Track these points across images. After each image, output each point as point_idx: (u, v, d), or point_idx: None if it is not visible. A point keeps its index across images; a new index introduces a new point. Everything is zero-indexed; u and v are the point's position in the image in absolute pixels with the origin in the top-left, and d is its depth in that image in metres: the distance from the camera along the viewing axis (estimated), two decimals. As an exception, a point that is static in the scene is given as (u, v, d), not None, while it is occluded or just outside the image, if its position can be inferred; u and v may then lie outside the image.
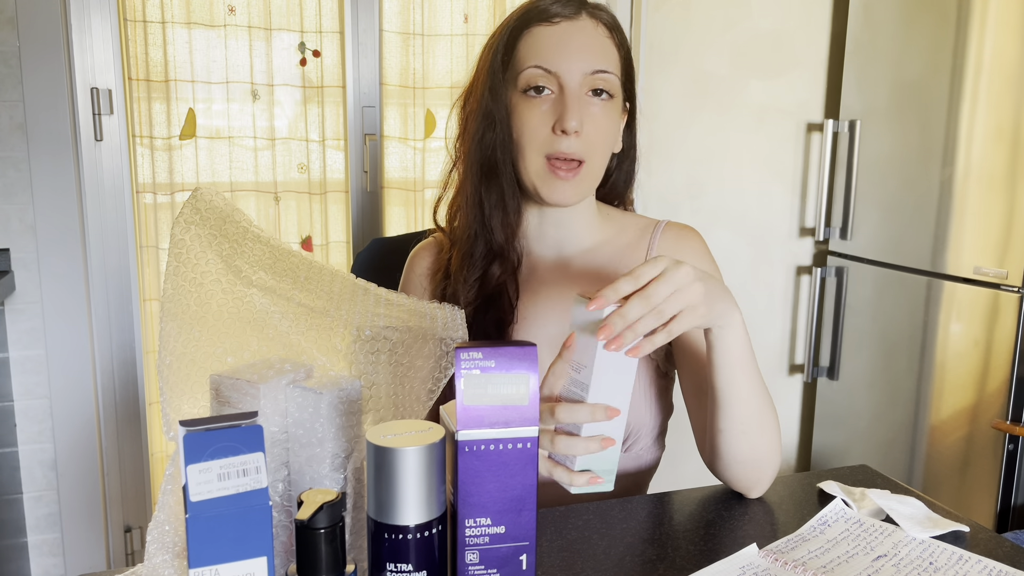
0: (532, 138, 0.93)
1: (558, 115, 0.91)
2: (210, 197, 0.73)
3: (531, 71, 0.92)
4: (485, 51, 0.98)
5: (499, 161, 0.95)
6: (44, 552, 1.91)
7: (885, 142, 2.13)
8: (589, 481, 0.73)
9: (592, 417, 0.72)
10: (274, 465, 0.65)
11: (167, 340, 0.66)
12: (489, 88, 0.95)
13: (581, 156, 0.92)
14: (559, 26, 0.93)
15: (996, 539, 0.81)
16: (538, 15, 0.94)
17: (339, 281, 0.73)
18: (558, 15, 0.93)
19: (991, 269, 1.84)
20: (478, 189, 0.98)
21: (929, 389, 2.01)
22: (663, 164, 2.27)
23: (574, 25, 0.93)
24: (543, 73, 0.92)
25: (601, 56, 0.93)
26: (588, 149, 0.93)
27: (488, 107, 0.95)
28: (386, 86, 2.07)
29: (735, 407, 0.85)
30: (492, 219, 0.98)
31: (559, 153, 0.92)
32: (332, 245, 2.10)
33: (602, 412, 0.72)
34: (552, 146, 0.92)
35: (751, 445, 0.87)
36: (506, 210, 0.98)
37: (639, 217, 1.09)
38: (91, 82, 1.84)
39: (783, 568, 0.74)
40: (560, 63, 0.91)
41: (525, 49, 0.93)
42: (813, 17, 2.34)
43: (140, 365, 1.98)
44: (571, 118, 0.90)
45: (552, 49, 0.92)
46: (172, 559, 0.66)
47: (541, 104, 0.92)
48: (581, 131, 0.91)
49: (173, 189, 1.94)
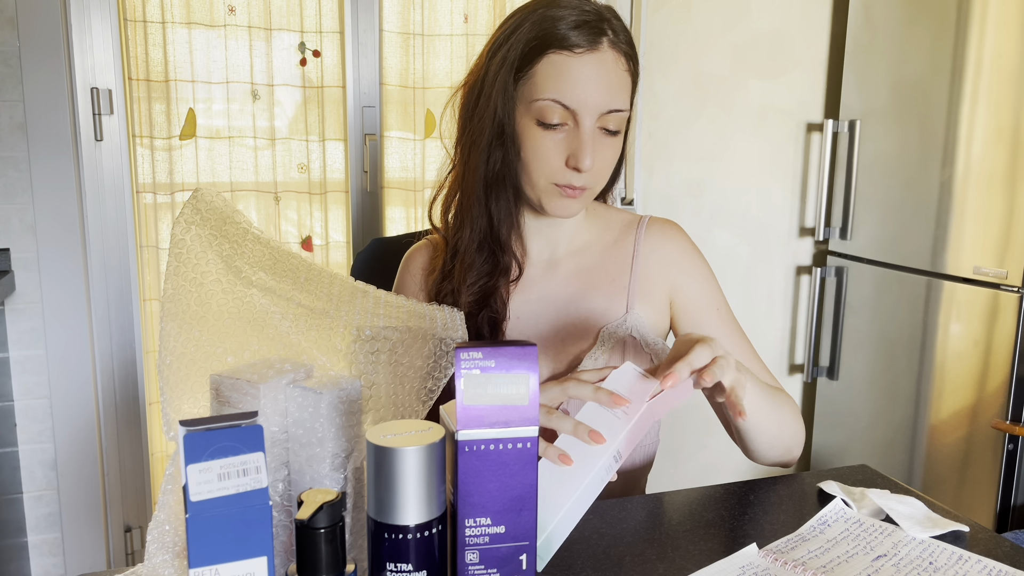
0: (543, 167, 0.92)
1: (572, 151, 0.90)
2: (210, 198, 0.73)
3: (548, 104, 0.89)
4: (495, 59, 0.94)
5: (506, 176, 0.95)
6: (44, 552, 1.91)
7: (885, 142, 2.13)
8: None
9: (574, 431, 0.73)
10: (274, 465, 0.65)
11: (167, 340, 0.66)
12: (502, 104, 0.92)
13: (588, 185, 0.94)
14: (581, 58, 0.89)
15: (996, 539, 0.81)
16: (559, 41, 0.89)
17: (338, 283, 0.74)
18: (580, 46, 0.89)
19: (991, 269, 1.84)
20: (483, 202, 0.97)
21: (929, 389, 2.01)
22: (663, 164, 2.27)
23: (596, 58, 0.89)
24: (560, 108, 0.89)
25: (619, 93, 0.91)
26: (594, 180, 0.94)
27: (500, 122, 0.93)
28: (386, 86, 2.07)
29: (756, 438, 0.93)
30: (500, 231, 0.98)
31: (569, 184, 0.92)
32: (332, 245, 2.10)
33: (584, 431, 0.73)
34: (563, 178, 0.92)
35: (779, 449, 0.96)
36: (512, 222, 0.99)
37: (622, 212, 1.10)
38: (91, 82, 1.84)
39: (783, 568, 0.74)
40: (578, 100, 0.89)
41: (542, 76, 0.90)
42: (813, 17, 2.34)
43: (140, 365, 1.98)
44: (586, 157, 0.89)
45: (572, 85, 0.89)
46: (172, 559, 0.67)
47: (555, 135, 0.91)
48: (591, 167, 0.91)
49: (173, 189, 1.94)
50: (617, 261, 1.04)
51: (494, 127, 0.93)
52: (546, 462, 0.71)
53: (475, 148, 0.95)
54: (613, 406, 0.73)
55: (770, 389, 0.93)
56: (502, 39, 0.94)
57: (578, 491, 0.70)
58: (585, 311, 1.02)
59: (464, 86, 1.00)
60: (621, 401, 0.73)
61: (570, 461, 0.71)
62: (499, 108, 0.92)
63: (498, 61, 0.93)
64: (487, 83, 0.94)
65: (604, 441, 0.71)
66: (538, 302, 1.03)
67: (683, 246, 1.05)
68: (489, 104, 0.93)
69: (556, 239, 1.04)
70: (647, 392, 0.74)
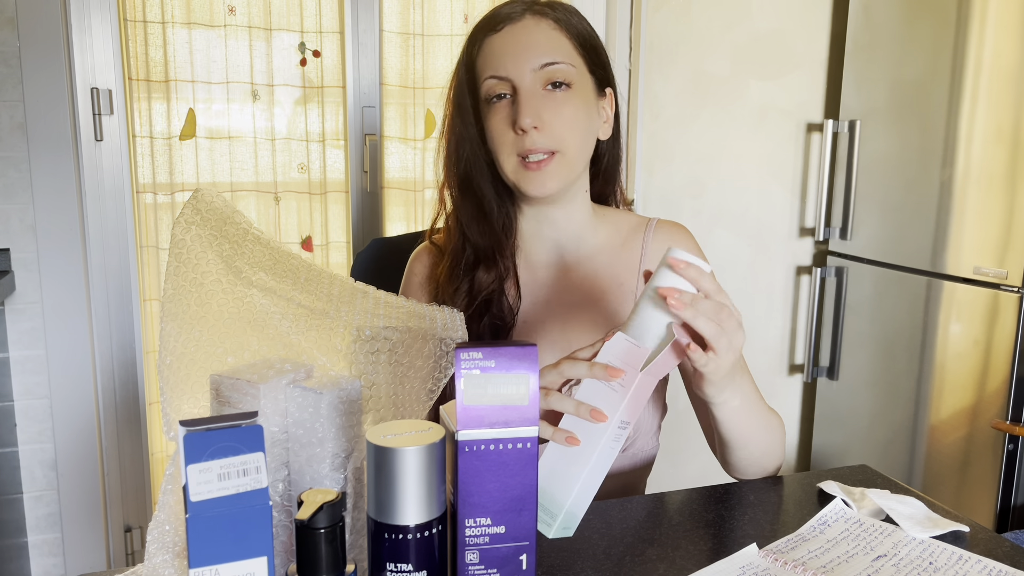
0: (502, 141, 0.96)
1: (515, 115, 0.95)
2: (210, 198, 0.73)
3: (488, 82, 0.96)
4: (452, 75, 1.02)
5: (473, 174, 1.00)
6: (44, 552, 1.91)
7: (885, 142, 2.13)
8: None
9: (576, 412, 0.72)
10: (274, 465, 0.65)
11: (167, 340, 0.66)
12: (455, 107, 1.00)
13: (550, 148, 0.95)
14: (503, 32, 0.97)
15: (996, 539, 0.81)
16: (485, 26, 0.98)
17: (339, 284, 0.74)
18: (502, 22, 0.97)
19: (991, 269, 1.84)
20: (457, 204, 1.03)
21: (929, 389, 2.01)
22: (663, 164, 2.27)
23: (517, 27, 0.96)
24: (497, 81, 0.96)
25: (548, 49, 0.95)
26: (556, 140, 0.95)
27: (457, 128, 1.00)
28: (386, 86, 2.07)
29: (738, 450, 0.91)
30: (470, 229, 1.01)
31: (526, 150, 0.95)
32: (332, 245, 2.10)
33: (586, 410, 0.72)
34: (520, 145, 0.95)
35: (758, 465, 0.94)
36: (485, 218, 1.01)
37: (631, 215, 1.10)
38: (91, 82, 1.84)
39: (783, 568, 0.74)
40: (508, 67, 0.95)
41: (481, 62, 0.98)
42: (813, 18, 2.34)
43: (140, 365, 1.98)
44: (524, 115, 0.93)
45: (500, 55, 0.96)
46: (172, 559, 0.67)
47: (502, 109, 0.96)
48: (542, 125, 0.94)
49: (173, 189, 1.94)
50: (625, 265, 1.04)
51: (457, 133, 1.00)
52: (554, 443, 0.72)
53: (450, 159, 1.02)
54: (609, 379, 0.73)
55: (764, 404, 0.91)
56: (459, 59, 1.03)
57: (589, 465, 0.71)
58: (592, 315, 1.02)
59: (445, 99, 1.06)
60: (616, 373, 0.73)
61: (577, 441, 0.71)
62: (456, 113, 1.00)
63: (456, 68, 1.01)
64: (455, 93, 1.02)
65: (606, 418, 0.71)
66: (545, 306, 1.03)
67: (688, 247, 1.05)
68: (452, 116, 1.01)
69: (560, 240, 1.04)
70: (641, 358, 0.74)
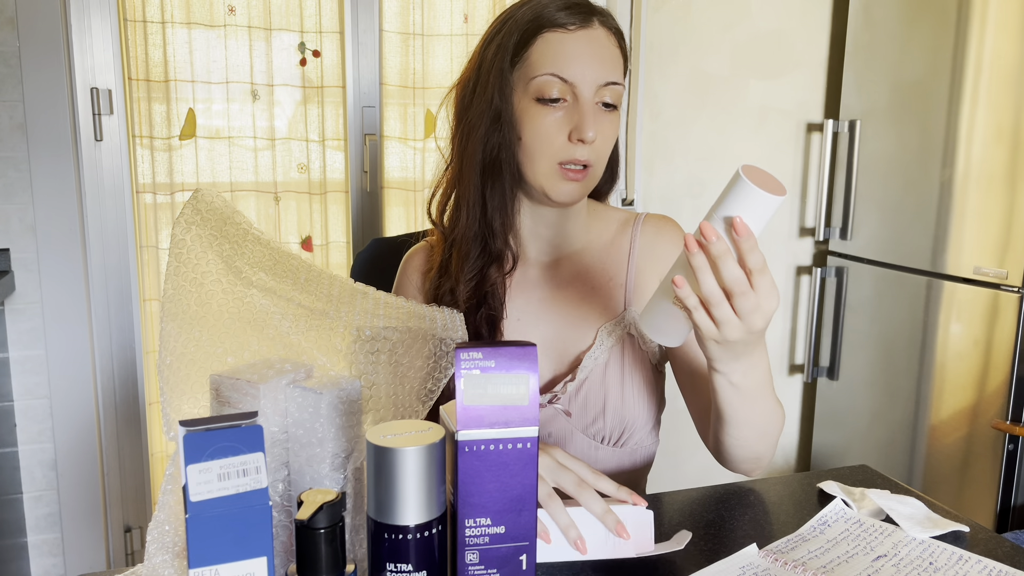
0: (546, 145, 0.92)
1: (574, 124, 0.91)
2: (210, 198, 0.73)
3: (546, 79, 0.91)
4: (489, 48, 0.96)
5: (503, 161, 0.95)
6: (44, 552, 1.91)
7: (885, 142, 2.13)
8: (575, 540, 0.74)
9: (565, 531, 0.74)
10: (274, 465, 0.65)
11: (167, 340, 0.66)
12: (499, 89, 0.93)
13: (590, 162, 0.94)
14: (575, 34, 0.92)
15: (996, 539, 0.81)
16: (552, 21, 0.92)
17: (338, 284, 0.74)
18: (573, 23, 0.92)
19: (991, 269, 1.84)
20: (479, 190, 0.97)
21: (929, 389, 2.01)
22: (664, 164, 2.27)
23: (589, 34, 0.92)
24: (559, 82, 0.91)
25: (612, 67, 0.93)
26: (597, 156, 0.94)
27: (497, 108, 0.93)
28: (386, 86, 2.07)
29: (737, 429, 0.88)
30: (494, 220, 0.97)
31: (573, 160, 0.92)
32: (332, 245, 2.10)
33: (574, 535, 0.74)
34: (567, 153, 0.92)
35: (752, 453, 0.92)
36: (506, 211, 0.98)
37: (619, 211, 1.10)
38: (91, 82, 1.84)
39: (783, 568, 0.74)
40: (576, 73, 0.91)
41: (539, 55, 0.92)
42: (813, 18, 2.34)
43: (140, 365, 1.98)
44: (589, 129, 0.90)
45: (568, 58, 0.91)
46: (172, 559, 0.67)
47: (555, 112, 0.92)
48: (593, 142, 0.92)
49: (173, 189, 1.94)
50: (615, 260, 1.04)
51: (491, 112, 0.94)
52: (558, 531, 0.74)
53: (472, 137, 0.96)
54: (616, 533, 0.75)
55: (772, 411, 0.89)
56: (495, 31, 0.97)
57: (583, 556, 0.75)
58: (584, 311, 1.02)
59: (459, 83, 1.01)
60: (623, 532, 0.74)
61: (585, 551, 0.74)
62: (496, 94, 0.94)
63: (493, 49, 0.95)
64: (483, 72, 0.96)
65: (586, 552, 0.74)
66: (539, 303, 1.03)
67: (677, 240, 1.05)
68: (486, 92, 0.95)
69: (555, 240, 1.04)
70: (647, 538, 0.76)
